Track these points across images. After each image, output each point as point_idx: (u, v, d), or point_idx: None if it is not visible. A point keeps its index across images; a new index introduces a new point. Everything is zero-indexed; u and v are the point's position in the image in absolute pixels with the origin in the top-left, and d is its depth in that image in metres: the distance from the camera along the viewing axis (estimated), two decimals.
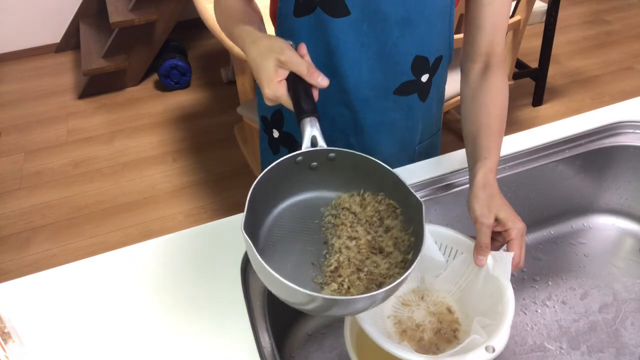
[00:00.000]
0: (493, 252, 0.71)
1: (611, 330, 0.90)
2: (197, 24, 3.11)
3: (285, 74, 0.68)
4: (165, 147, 2.61)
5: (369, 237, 0.67)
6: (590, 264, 1.01)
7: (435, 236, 0.77)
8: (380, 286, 0.63)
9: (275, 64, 0.67)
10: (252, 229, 0.61)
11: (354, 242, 0.66)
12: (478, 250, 0.71)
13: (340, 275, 0.63)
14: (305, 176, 0.69)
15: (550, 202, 1.04)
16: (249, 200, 0.60)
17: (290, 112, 0.99)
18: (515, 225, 0.71)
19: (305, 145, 0.66)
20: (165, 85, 3.00)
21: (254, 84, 1.10)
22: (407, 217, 0.68)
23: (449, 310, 0.76)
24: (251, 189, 0.60)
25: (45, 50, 3.43)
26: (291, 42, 0.72)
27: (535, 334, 0.90)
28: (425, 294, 0.79)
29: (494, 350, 0.61)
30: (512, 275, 0.71)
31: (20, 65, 3.33)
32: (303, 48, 0.71)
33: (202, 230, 0.86)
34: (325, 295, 0.58)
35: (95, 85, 2.98)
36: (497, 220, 0.71)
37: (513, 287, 0.69)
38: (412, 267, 0.59)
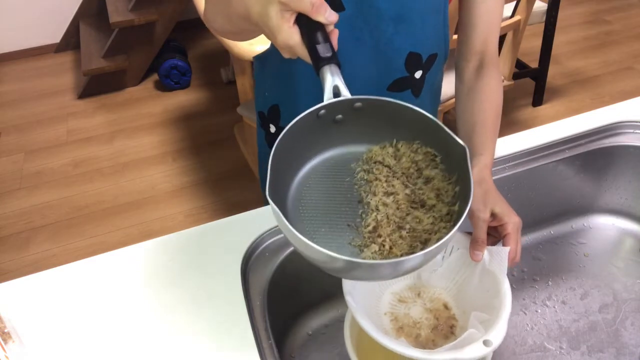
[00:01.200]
0: (489, 247, 0.71)
1: (611, 330, 0.90)
2: (197, 24, 3.11)
3: (293, 16, 0.60)
4: (165, 147, 2.61)
5: (408, 191, 0.62)
6: (590, 264, 1.01)
7: None
8: (425, 243, 0.57)
9: (278, 8, 0.60)
10: (278, 193, 0.56)
11: (391, 197, 0.61)
12: (474, 246, 0.71)
13: (380, 235, 0.58)
14: (330, 131, 0.63)
15: (550, 202, 1.04)
16: (272, 165, 0.54)
17: (286, 107, 0.99)
18: (511, 220, 0.71)
19: (327, 97, 0.58)
20: (165, 85, 2.99)
21: (254, 83, 1.10)
22: (448, 165, 0.62)
23: (446, 307, 0.76)
24: (272, 152, 0.55)
25: (45, 50, 3.43)
26: None
27: (535, 334, 0.90)
28: (421, 290, 0.78)
29: (491, 344, 0.61)
30: (512, 275, 0.71)
31: (20, 65, 3.33)
32: None
33: (202, 230, 0.86)
34: (368, 260, 0.52)
35: (95, 85, 2.98)
36: (492, 215, 0.72)
37: (513, 287, 0.69)
38: (463, 218, 0.54)
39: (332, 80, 0.59)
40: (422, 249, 0.56)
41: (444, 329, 0.73)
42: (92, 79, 2.94)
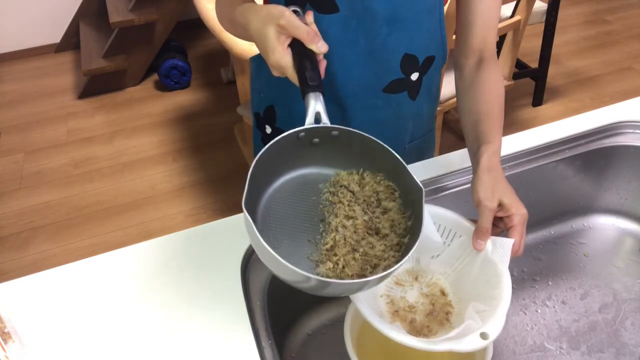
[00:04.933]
0: (493, 237, 0.71)
1: (611, 330, 0.90)
2: (197, 24, 3.11)
3: (288, 40, 0.66)
4: (165, 147, 2.61)
5: (366, 218, 0.67)
6: (590, 264, 1.01)
7: (435, 217, 0.76)
8: (374, 268, 0.63)
9: (276, 30, 0.65)
10: (251, 203, 0.61)
11: (350, 221, 0.66)
12: (478, 234, 0.70)
13: (335, 254, 0.63)
14: (305, 151, 0.68)
15: (550, 202, 1.04)
16: (250, 177, 0.59)
17: (282, 109, 1.00)
18: (518, 212, 0.70)
19: (309, 122, 0.64)
20: (165, 85, 2.99)
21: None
22: (405, 200, 0.68)
23: (443, 293, 0.76)
24: (252, 165, 0.60)
25: (45, 50, 3.43)
26: (296, 8, 0.70)
27: (535, 334, 0.90)
28: (419, 274, 0.78)
29: (488, 336, 0.61)
30: (512, 275, 0.71)
31: (20, 65, 3.33)
32: (310, 16, 0.70)
33: (202, 230, 0.86)
34: (321, 277, 0.57)
35: (95, 85, 2.98)
36: (500, 205, 0.70)
37: (513, 287, 0.68)
38: (410, 253, 0.59)
39: (315, 106, 0.65)
40: (371, 273, 0.62)
41: (440, 315, 0.73)
42: (92, 79, 2.94)
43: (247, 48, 1.67)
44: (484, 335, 0.61)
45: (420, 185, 0.64)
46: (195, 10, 1.94)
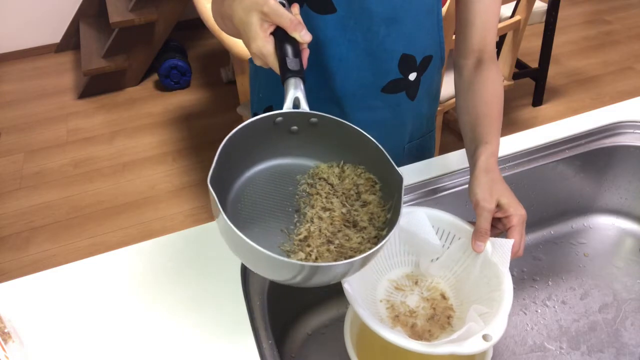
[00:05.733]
0: (492, 239, 0.70)
1: (611, 330, 0.90)
2: (197, 24, 3.12)
3: (271, 28, 0.64)
4: (165, 147, 2.61)
5: (344, 210, 0.66)
6: (590, 264, 1.01)
7: (433, 220, 0.76)
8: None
9: (259, 17, 0.64)
10: (222, 185, 0.58)
11: (327, 213, 0.65)
12: (477, 236, 0.70)
13: (309, 245, 0.62)
14: (284, 140, 0.66)
15: (550, 202, 1.04)
16: (220, 152, 0.57)
17: (280, 108, 0.99)
18: (517, 212, 0.70)
19: (287, 106, 0.62)
20: (165, 85, 2.99)
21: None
22: (386, 192, 0.67)
23: (443, 297, 0.75)
24: (224, 140, 0.57)
25: (45, 50, 3.43)
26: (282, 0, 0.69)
27: (535, 334, 0.90)
28: (419, 279, 0.78)
29: (490, 338, 0.60)
30: (512, 275, 0.70)
31: (20, 65, 3.33)
32: (295, 8, 0.69)
33: (202, 230, 0.86)
34: (292, 260, 0.55)
35: (95, 85, 2.98)
36: (498, 206, 0.70)
37: (513, 287, 0.68)
38: (385, 240, 0.57)
39: (294, 92, 0.63)
40: None
41: (441, 319, 0.73)
42: (92, 79, 2.94)
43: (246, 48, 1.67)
44: (486, 337, 0.60)
45: (401, 174, 0.63)
46: (195, 10, 1.94)
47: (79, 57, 3.10)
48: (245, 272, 0.79)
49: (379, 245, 0.56)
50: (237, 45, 1.69)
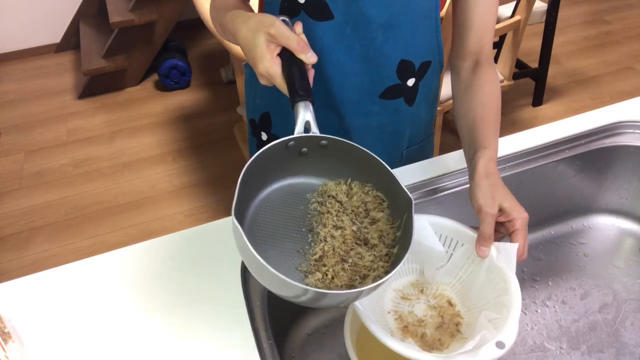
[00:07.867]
0: (496, 243, 0.70)
1: (611, 330, 0.90)
2: (197, 24, 3.12)
3: (278, 49, 0.66)
4: (165, 147, 2.61)
5: (355, 228, 0.67)
6: (590, 264, 1.01)
7: (436, 227, 0.75)
8: (364, 278, 0.62)
9: (265, 39, 0.65)
10: (239, 209, 0.60)
11: (339, 231, 0.66)
12: (481, 241, 0.69)
13: (324, 265, 0.63)
14: (294, 161, 0.68)
15: (550, 202, 1.04)
16: (240, 184, 0.58)
17: (278, 115, 0.99)
18: (519, 215, 0.69)
19: (298, 131, 0.64)
20: (165, 85, 3.00)
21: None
22: (394, 210, 0.68)
23: (450, 303, 0.75)
24: (242, 173, 0.59)
25: (45, 50, 3.43)
26: (285, 18, 0.70)
27: (535, 334, 0.90)
28: (425, 287, 0.78)
29: (504, 345, 0.60)
30: None
31: (20, 65, 3.33)
32: (299, 26, 0.70)
33: (202, 230, 0.86)
34: (314, 288, 0.57)
35: (95, 85, 2.98)
36: (500, 210, 0.70)
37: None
38: (401, 263, 0.59)
39: (305, 115, 0.64)
40: (360, 283, 0.62)
41: (450, 326, 0.72)
42: (92, 79, 2.94)
43: None
44: (499, 345, 0.60)
45: (410, 196, 0.64)
46: (195, 10, 1.94)
47: (79, 57, 3.10)
48: (245, 272, 0.79)
49: (389, 275, 0.58)
50: (236, 46, 1.69)
